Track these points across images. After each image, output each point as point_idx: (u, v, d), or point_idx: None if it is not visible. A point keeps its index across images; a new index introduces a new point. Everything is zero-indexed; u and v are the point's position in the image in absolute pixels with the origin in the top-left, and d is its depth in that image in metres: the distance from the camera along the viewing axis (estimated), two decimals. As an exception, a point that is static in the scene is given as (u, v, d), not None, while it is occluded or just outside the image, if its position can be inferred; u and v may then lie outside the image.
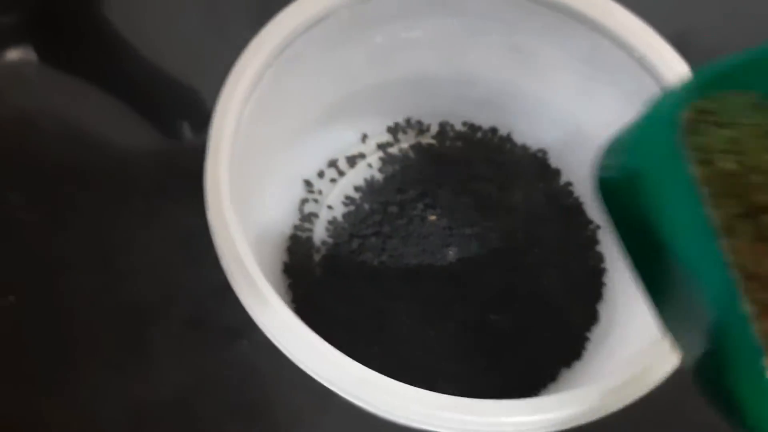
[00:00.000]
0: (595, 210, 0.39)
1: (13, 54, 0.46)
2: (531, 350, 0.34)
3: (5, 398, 0.35)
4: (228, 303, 0.26)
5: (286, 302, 0.27)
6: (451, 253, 0.35)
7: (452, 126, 0.41)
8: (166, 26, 0.47)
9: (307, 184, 0.39)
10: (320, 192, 0.39)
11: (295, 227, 0.38)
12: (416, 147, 0.40)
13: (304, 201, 0.39)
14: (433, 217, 0.36)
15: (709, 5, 0.48)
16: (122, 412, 0.34)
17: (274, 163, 0.36)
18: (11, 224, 0.39)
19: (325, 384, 0.25)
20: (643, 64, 0.32)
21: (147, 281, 0.37)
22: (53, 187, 0.40)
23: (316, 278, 0.36)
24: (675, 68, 0.32)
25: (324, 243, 0.38)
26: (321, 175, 0.39)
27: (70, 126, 0.43)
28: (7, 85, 0.45)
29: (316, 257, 0.37)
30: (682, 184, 0.19)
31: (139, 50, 0.46)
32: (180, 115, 0.45)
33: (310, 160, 0.39)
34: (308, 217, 0.38)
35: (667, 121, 0.19)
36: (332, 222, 0.38)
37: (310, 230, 0.38)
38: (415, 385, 0.27)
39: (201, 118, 0.44)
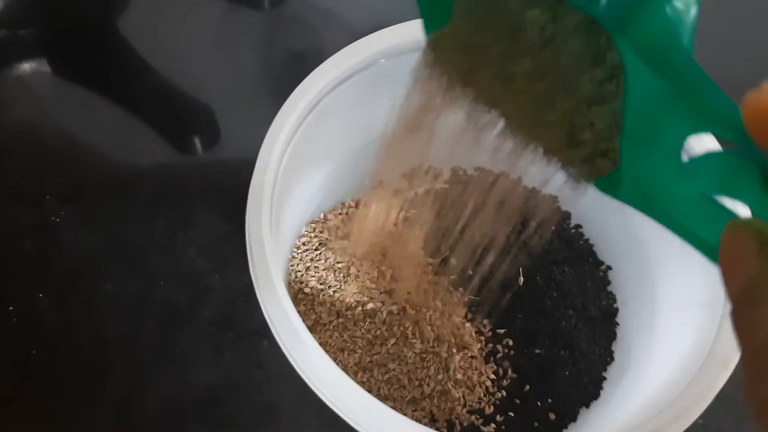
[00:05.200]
0: (605, 251, 0.40)
1: (27, 66, 0.49)
2: (554, 392, 0.35)
3: (45, 397, 0.37)
4: (252, 306, 0.27)
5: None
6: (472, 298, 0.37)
7: (464, 171, 0.42)
8: (177, 44, 0.50)
9: (328, 229, 0.40)
10: (340, 237, 0.40)
11: (317, 272, 0.39)
12: (430, 192, 0.42)
13: (325, 246, 0.40)
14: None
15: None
16: (156, 410, 0.36)
17: (299, 210, 0.37)
18: (48, 232, 0.41)
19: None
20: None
21: (178, 286, 0.40)
22: (83, 198, 0.43)
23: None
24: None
25: (346, 287, 0.39)
26: (341, 221, 0.40)
27: (83, 139, 0.46)
28: (20, 95, 0.48)
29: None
30: None
31: (153, 66, 0.48)
32: (191, 131, 0.47)
33: (331, 207, 0.40)
34: (329, 262, 0.39)
35: None
36: (353, 266, 0.39)
37: (332, 275, 0.39)
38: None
39: (212, 133, 0.47)
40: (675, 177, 0.21)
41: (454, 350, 0.34)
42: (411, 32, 0.33)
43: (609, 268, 0.40)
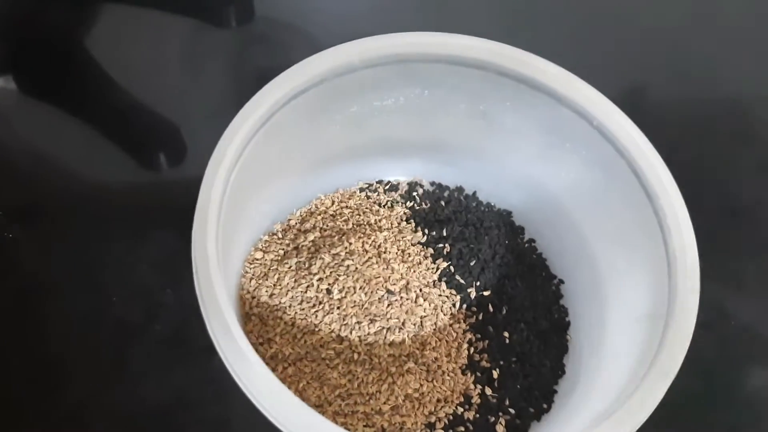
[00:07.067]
0: (558, 265, 0.41)
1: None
2: (505, 405, 0.35)
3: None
4: (204, 322, 0.28)
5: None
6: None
7: (421, 186, 0.42)
8: (145, 62, 0.50)
9: (283, 244, 0.40)
10: (295, 252, 0.40)
11: (272, 287, 0.39)
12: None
13: (280, 261, 0.40)
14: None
15: (653, 67, 0.52)
16: (108, 426, 0.37)
17: (251, 224, 0.37)
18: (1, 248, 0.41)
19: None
20: (602, 132, 0.35)
21: (131, 302, 0.39)
22: (39, 214, 0.43)
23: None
24: (632, 136, 0.34)
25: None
26: (297, 235, 0.41)
27: (46, 155, 0.46)
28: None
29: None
30: None
31: (119, 83, 0.48)
32: (157, 148, 0.47)
33: (284, 222, 0.40)
34: (284, 277, 0.39)
35: None
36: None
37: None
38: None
39: (177, 150, 0.47)
40: None
41: (406, 366, 0.35)
42: (359, 50, 0.34)
43: (561, 282, 0.40)
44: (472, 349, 0.36)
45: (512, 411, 0.35)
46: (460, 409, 0.35)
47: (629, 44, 0.53)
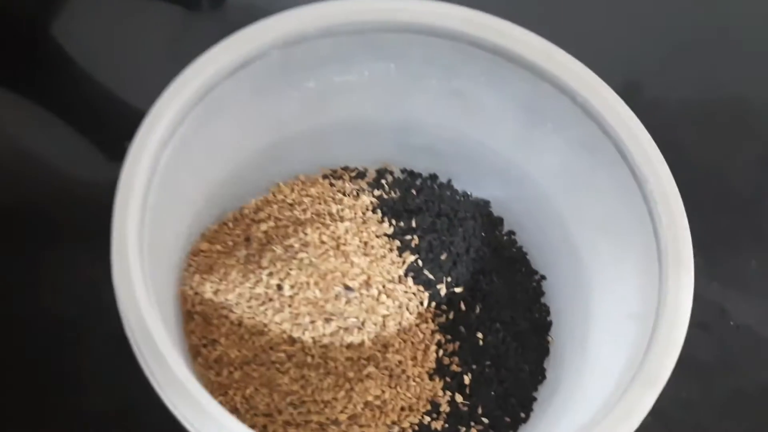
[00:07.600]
0: (539, 260, 0.37)
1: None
2: (478, 414, 0.32)
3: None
4: None
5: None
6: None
7: (391, 173, 0.39)
8: (113, 49, 0.47)
9: (237, 236, 0.36)
10: (252, 244, 0.37)
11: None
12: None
13: (234, 255, 0.36)
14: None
15: (651, 56, 0.49)
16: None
17: (198, 214, 0.34)
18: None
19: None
20: (586, 110, 0.31)
21: (77, 297, 0.36)
22: None
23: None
24: (620, 113, 0.30)
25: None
26: (253, 226, 0.37)
27: (11, 145, 0.43)
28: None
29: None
30: None
31: (87, 71, 0.46)
32: (125, 138, 0.44)
33: (234, 211, 0.37)
34: (238, 272, 0.36)
35: None
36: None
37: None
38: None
39: None
40: None
41: (365, 370, 0.31)
42: (312, 17, 0.30)
43: (543, 278, 0.37)
44: (441, 352, 0.33)
45: (485, 420, 0.32)
46: (427, 419, 0.32)
47: (626, 31, 0.50)
